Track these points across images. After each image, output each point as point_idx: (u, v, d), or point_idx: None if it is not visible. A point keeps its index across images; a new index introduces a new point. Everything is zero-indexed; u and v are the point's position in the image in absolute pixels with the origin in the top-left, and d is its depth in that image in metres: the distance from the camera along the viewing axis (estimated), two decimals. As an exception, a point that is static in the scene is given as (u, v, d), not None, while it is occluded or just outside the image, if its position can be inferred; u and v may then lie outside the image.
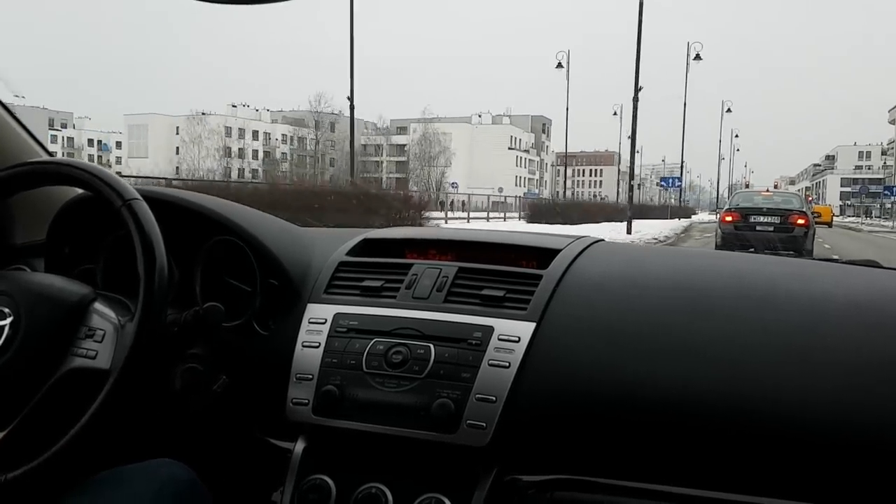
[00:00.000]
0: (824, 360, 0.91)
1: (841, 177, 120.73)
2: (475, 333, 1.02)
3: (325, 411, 1.03)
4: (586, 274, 1.08)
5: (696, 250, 1.46)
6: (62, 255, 1.21)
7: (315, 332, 1.08)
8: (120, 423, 0.95)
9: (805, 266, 1.18)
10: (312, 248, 1.23)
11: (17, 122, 1.28)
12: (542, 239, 1.18)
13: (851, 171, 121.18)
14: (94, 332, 0.94)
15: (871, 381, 0.88)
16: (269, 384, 1.08)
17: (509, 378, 0.97)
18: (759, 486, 0.90)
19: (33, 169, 1.05)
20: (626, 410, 0.94)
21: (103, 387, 0.89)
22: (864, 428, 0.85)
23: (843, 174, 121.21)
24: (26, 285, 0.97)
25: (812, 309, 0.98)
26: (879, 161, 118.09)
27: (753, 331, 0.95)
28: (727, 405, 0.90)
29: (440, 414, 0.97)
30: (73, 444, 0.87)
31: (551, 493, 0.99)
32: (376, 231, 1.29)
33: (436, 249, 1.20)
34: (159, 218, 0.97)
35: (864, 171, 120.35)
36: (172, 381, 1.05)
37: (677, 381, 0.93)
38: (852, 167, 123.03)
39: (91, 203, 1.15)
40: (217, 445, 1.22)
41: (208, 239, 1.20)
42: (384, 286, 1.11)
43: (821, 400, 0.88)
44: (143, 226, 0.95)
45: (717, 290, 1.04)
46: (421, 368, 1.01)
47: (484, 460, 0.99)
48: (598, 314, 1.02)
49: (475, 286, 1.08)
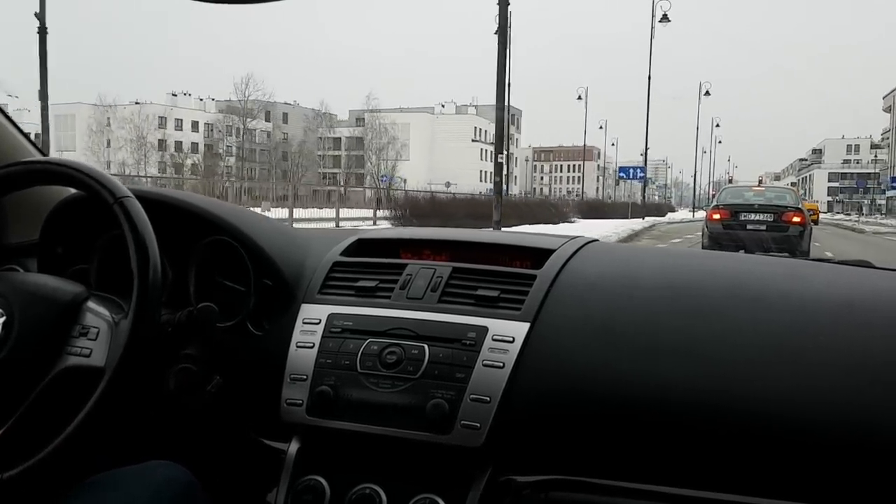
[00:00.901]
0: (817, 360, 0.91)
1: (828, 171, 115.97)
2: (469, 334, 1.02)
3: (319, 412, 1.03)
4: (580, 274, 1.09)
5: (689, 250, 1.51)
6: (55, 256, 1.21)
7: (309, 332, 1.09)
8: (115, 423, 0.95)
9: (798, 266, 1.18)
10: (306, 249, 1.24)
11: (9, 122, 1.29)
12: (536, 239, 1.20)
13: (839, 166, 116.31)
14: (88, 331, 0.94)
15: (863, 381, 0.88)
16: (263, 385, 1.09)
17: (503, 378, 0.98)
18: (751, 486, 0.91)
19: (26, 169, 1.04)
20: (621, 410, 0.95)
21: (98, 385, 0.89)
22: (856, 427, 0.86)
23: (830, 168, 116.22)
24: (19, 285, 0.97)
25: (804, 309, 0.99)
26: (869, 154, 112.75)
27: (746, 330, 0.96)
28: (720, 405, 0.91)
29: (434, 414, 0.98)
30: (69, 442, 0.87)
31: (546, 494, 1.00)
32: (371, 231, 1.30)
33: (430, 249, 1.21)
34: (153, 218, 0.97)
35: (853, 165, 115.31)
36: (166, 381, 1.06)
37: (671, 381, 0.94)
38: (840, 161, 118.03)
39: (84, 203, 1.16)
40: (211, 446, 1.23)
41: (202, 239, 1.20)
42: (378, 286, 1.12)
43: (813, 400, 0.89)
44: (136, 223, 0.95)
45: (710, 289, 1.04)
46: (415, 369, 1.01)
47: (478, 461, 1.00)
48: (592, 314, 1.02)
49: (469, 286, 1.09)
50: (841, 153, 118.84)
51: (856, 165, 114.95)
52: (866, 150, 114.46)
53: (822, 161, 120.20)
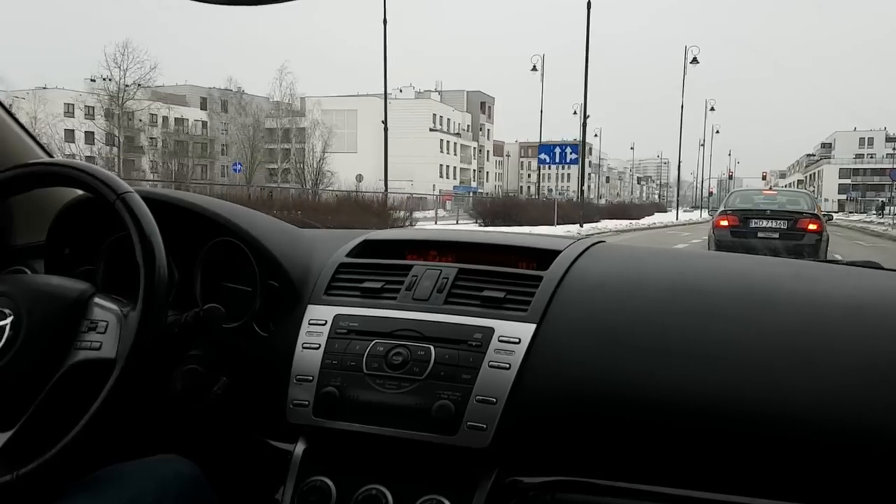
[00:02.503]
0: (825, 362, 0.92)
1: (839, 167, 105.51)
2: (475, 335, 1.03)
3: (325, 413, 1.04)
4: (587, 275, 1.09)
5: (696, 251, 1.49)
6: (62, 257, 1.23)
7: (315, 333, 1.09)
8: (125, 418, 0.96)
9: (806, 267, 1.18)
10: (312, 250, 1.25)
11: (16, 123, 1.30)
12: (542, 240, 1.20)
13: (852, 161, 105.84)
14: (97, 325, 0.95)
15: (872, 383, 0.89)
16: (270, 386, 1.10)
17: (510, 379, 0.98)
18: (760, 488, 0.91)
19: (31, 171, 1.06)
20: (627, 412, 0.95)
21: (110, 376, 0.90)
22: (864, 429, 0.87)
23: (842, 164, 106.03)
24: (26, 286, 0.98)
25: (812, 310, 0.99)
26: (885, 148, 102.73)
27: (754, 332, 0.97)
28: (728, 406, 0.92)
29: (440, 415, 0.99)
30: (84, 433, 0.88)
31: (552, 495, 1.00)
32: (377, 232, 1.31)
33: (436, 251, 1.22)
34: (159, 219, 0.98)
35: (867, 160, 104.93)
36: (173, 382, 1.07)
37: (678, 383, 0.94)
38: (852, 156, 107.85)
39: (91, 204, 1.17)
40: (217, 447, 1.24)
41: (208, 240, 1.22)
42: (384, 287, 1.13)
43: (821, 401, 0.89)
44: (139, 218, 0.96)
45: (717, 291, 1.05)
46: (421, 370, 1.02)
47: (484, 462, 1.00)
48: (598, 315, 1.03)
49: (475, 287, 1.09)
50: (853, 147, 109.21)
51: (870, 160, 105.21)
52: (881, 144, 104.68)
53: (831, 156, 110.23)
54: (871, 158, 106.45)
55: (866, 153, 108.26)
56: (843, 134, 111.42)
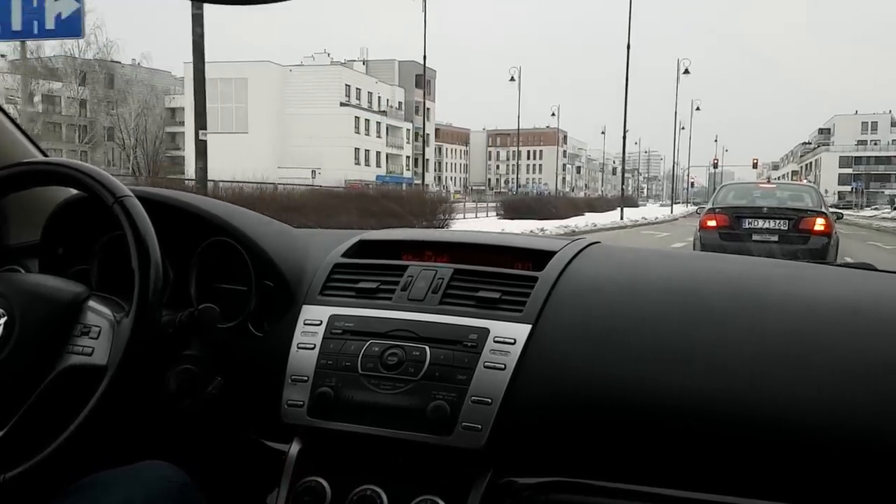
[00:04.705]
0: (820, 364, 0.93)
1: (840, 155, 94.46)
2: (471, 335, 1.04)
3: (320, 413, 1.06)
4: (582, 276, 1.11)
5: (692, 253, 1.53)
6: (56, 256, 1.23)
7: (310, 333, 1.10)
8: (115, 423, 0.98)
9: (800, 269, 1.19)
10: (307, 250, 1.26)
11: (11, 123, 1.31)
12: (538, 241, 1.22)
13: (853, 148, 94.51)
14: (90, 329, 0.96)
15: (867, 386, 0.89)
16: (264, 386, 1.11)
17: (505, 380, 1.00)
18: (753, 490, 0.92)
19: (26, 170, 1.06)
20: (622, 413, 0.97)
21: (100, 383, 0.91)
22: (860, 432, 0.88)
23: (842, 152, 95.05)
24: (20, 286, 0.99)
25: (807, 313, 1.00)
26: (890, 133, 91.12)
27: (748, 334, 0.98)
28: (722, 408, 0.93)
29: (435, 416, 1.00)
30: (71, 440, 0.89)
31: (547, 496, 1.01)
32: (372, 232, 1.33)
33: (431, 251, 1.23)
34: (154, 219, 0.99)
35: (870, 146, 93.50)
36: (167, 382, 1.08)
37: (672, 384, 0.95)
38: (854, 142, 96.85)
39: (85, 204, 1.18)
40: (211, 447, 1.26)
41: (203, 240, 1.22)
42: (379, 288, 1.14)
43: (816, 404, 0.90)
44: (136, 222, 0.97)
45: (712, 293, 1.06)
46: (416, 370, 1.03)
47: (479, 462, 1.02)
48: (593, 316, 1.04)
49: (471, 288, 1.10)
50: (854, 133, 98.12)
51: (874, 147, 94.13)
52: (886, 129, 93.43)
53: (830, 143, 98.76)
54: (874, 145, 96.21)
55: (869, 139, 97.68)
56: (844, 118, 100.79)
